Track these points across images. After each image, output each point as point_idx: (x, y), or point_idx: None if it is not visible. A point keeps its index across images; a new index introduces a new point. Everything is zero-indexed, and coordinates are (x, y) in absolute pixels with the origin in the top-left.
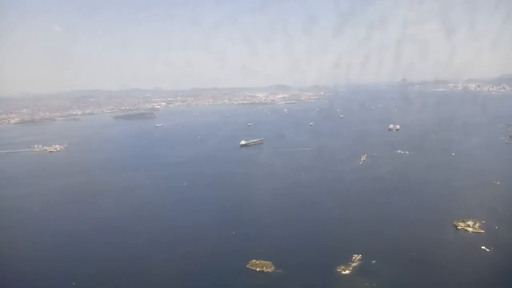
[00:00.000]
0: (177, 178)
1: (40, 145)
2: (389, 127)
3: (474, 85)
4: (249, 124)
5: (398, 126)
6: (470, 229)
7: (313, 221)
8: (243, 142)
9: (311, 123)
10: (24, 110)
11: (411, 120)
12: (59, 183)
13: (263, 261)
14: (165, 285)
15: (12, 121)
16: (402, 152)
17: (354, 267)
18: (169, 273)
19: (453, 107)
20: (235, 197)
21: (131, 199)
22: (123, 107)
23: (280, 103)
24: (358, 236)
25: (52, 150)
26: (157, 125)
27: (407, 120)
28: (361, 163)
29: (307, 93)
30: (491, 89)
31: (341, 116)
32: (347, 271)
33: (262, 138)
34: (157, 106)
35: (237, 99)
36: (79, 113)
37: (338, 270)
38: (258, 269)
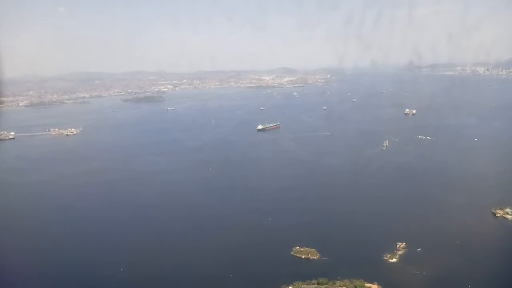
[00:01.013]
0: (200, 163)
1: (56, 129)
2: (405, 112)
3: (483, 69)
4: (261, 108)
5: (414, 111)
6: (509, 217)
7: (349, 208)
8: (260, 127)
9: (324, 107)
10: (31, 92)
11: (426, 105)
12: (85, 168)
13: (307, 249)
14: (214, 273)
15: (21, 104)
16: (424, 137)
17: (400, 255)
18: (215, 261)
19: (466, 91)
20: (263, 184)
21: (161, 185)
22: (130, 90)
23: (288, 86)
24: (398, 224)
25: (68, 133)
26: (168, 108)
27: (421, 104)
28: (384, 148)
29: (314, 76)
30: (500, 72)
31: (354, 100)
32: (394, 259)
33: (279, 123)
34: (163, 89)
35: (243, 82)
36: (86, 95)
37: (385, 258)
38: (303, 256)
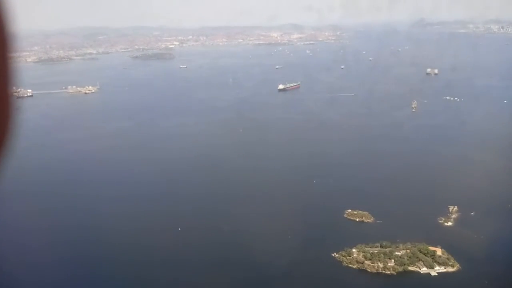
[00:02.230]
0: (229, 124)
1: (74, 86)
2: (427, 71)
3: (497, 27)
4: (277, 67)
5: (436, 70)
6: None
7: (393, 172)
8: (281, 87)
9: (342, 66)
10: (36, 48)
11: (446, 64)
12: (113, 127)
13: (360, 212)
14: (271, 236)
15: (29, 60)
16: (452, 98)
17: (454, 219)
18: (268, 224)
19: (484, 50)
20: (298, 148)
21: (197, 147)
22: (136, 46)
23: (298, 43)
24: (447, 187)
25: (87, 91)
26: (181, 66)
27: (442, 63)
28: (413, 110)
29: (324, 33)
30: None
31: (370, 59)
32: (449, 223)
33: (299, 82)
34: (171, 46)
35: (251, 39)
36: (93, 52)
37: (440, 221)
38: (357, 219)
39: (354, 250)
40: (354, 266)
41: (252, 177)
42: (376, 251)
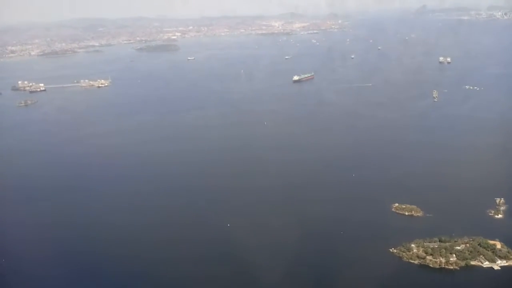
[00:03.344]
0: (251, 116)
1: (86, 80)
2: (440, 60)
3: (500, 13)
4: (286, 57)
5: (449, 59)
6: None
7: (431, 162)
8: (296, 78)
9: (352, 56)
10: (37, 41)
11: (458, 52)
12: (136, 121)
13: (408, 205)
14: (326, 230)
15: (32, 53)
16: (471, 87)
17: (504, 211)
18: (319, 217)
19: (492, 36)
20: (326, 140)
21: (227, 139)
22: (138, 38)
23: (301, 33)
24: (490, 178)
25: (99, 85)
26: (189, 58)
27: (453, 52)
28: (435, 99)
29: (327, 22)
30: None
31: (379, 48)
32: (499, 215)
33: (313, 73)
34: (173, 37)
35: (253, 28)
36: (96, 44)
37: (490, 214)
38: (406, 213)
39: (413, 245)
40: (415, 262)
41: (289, 170)
42: (436, 246)
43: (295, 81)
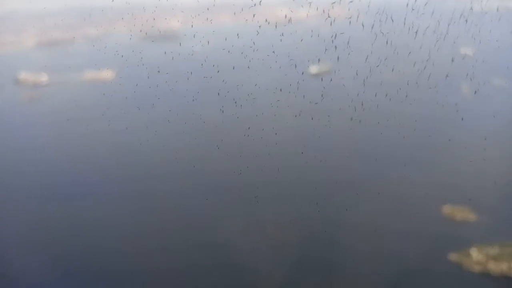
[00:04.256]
0: (280, 109)
1: (91, 71)
2: (461, 52)
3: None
4: (296, 47)
5: (470, 50)
6: None
7: (479, 162)
8: (314, 70)
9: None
10: (33, 30)
11: (476, 43)
12: (154, 116)
13: (460, 207)
14: (376, 236)
15: (29, 43)
16: (502, 82)
17: None
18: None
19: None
20: (365, 134)
21: (261, 134)
22: (137, 26)
23: (309, 21)
24: None
25: (105, 76)
26: (195, 48)
27: (471, 42)
28: (466, 94)
29: (333, 10)
30: None
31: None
32: None
33: (331, 65)
34: (174, 25)
35: (258, 16)
36: (94, 32)
37: None
38: (459, 216)
39: (472, 251)
40: (476, 269)
41: (325, 165)
42: (498, 252)
43: (314, 74)
